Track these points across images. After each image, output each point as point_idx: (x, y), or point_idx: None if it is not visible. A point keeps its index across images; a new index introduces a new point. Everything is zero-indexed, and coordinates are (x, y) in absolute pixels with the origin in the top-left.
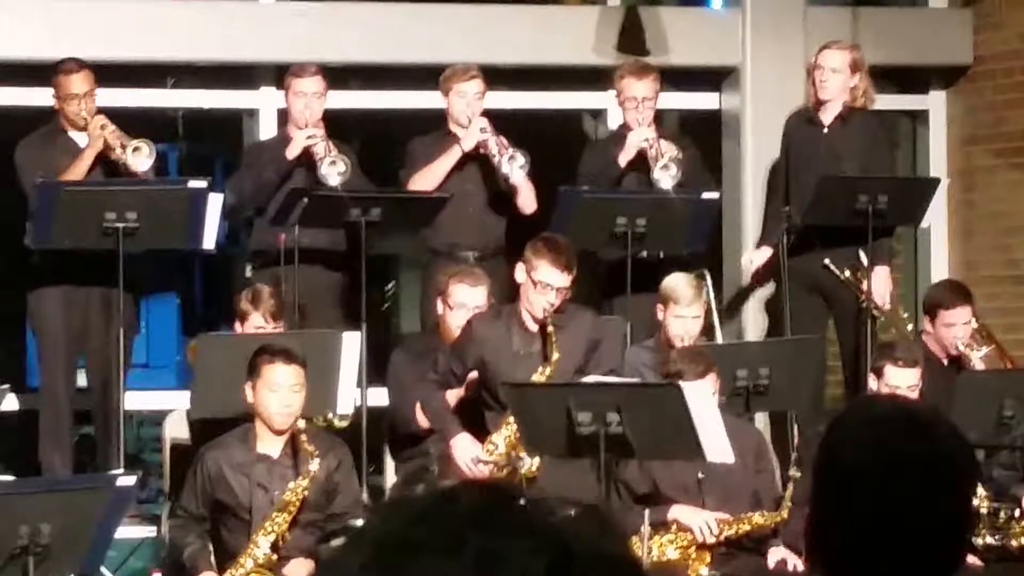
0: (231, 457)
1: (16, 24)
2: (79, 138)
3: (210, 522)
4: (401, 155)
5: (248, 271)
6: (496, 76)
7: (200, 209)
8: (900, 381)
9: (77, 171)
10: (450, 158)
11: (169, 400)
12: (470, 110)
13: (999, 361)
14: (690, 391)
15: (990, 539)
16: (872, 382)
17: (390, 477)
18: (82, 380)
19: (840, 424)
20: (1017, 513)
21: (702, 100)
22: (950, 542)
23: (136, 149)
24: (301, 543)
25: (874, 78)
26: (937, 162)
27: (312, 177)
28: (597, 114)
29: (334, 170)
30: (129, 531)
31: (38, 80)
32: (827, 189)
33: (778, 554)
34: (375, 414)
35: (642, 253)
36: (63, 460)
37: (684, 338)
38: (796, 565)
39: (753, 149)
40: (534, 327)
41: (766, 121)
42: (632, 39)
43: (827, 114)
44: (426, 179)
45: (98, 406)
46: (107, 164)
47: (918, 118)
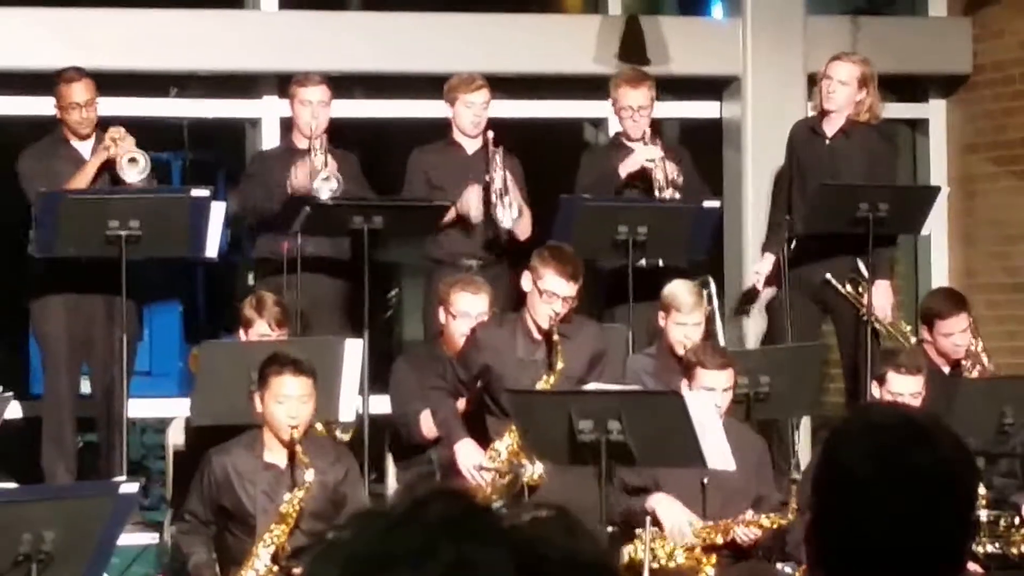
0: (238, 464)
1: (20, 33)
2: (81, 147)
3: (215, 527)
4: (403, 164)
5: (251, 279)
6: (498, 85)
7: (203, 217)
8: (903, 388)
9: (82, 179)
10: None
11: (172, 408)
12: (476, 120)
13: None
14: (691, 398)
15: (990, 547)
16: (875, 389)
17: (392, 485)
18: (86, 387)
19: (841, 431)
20: (1017, 521)
21: (703, 109)
22: (951, 550)
23: (132, 160)
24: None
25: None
26: (937, 170)
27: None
28: (598, 123)
29: (326, 186)
30: (132, 538)
31: (43, 89)
32: (827, 197)
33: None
34: (377, 422)
35: (641, 261)
36: (66, 468)
37: (685, 345)
38: None
39: (754, 157)
40: (539, 335)
41: (767, 130)
42: (633, 48)
43: (830, 125)
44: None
45: (101, 413)
46: (112, 173)
47: (918, 126)
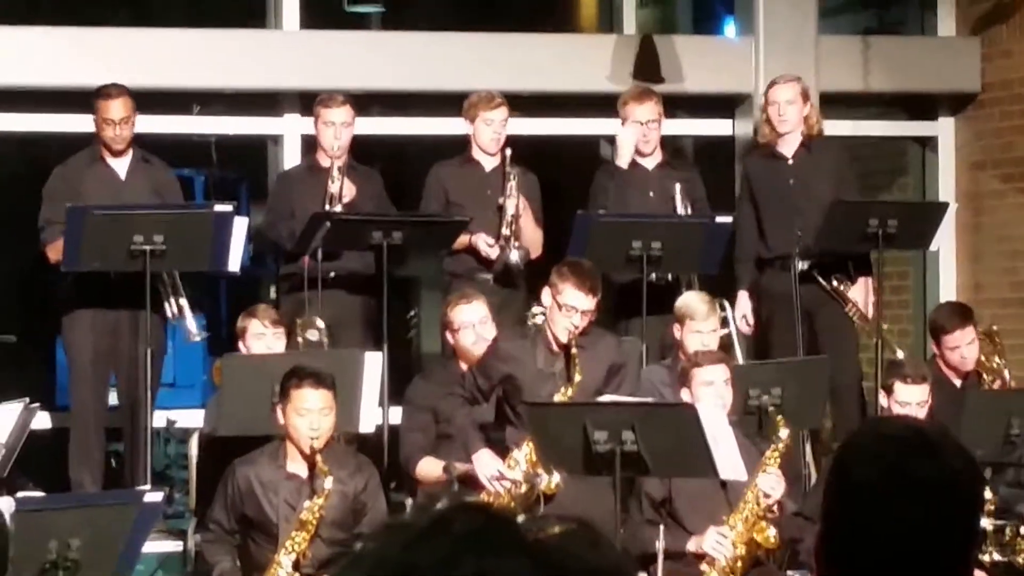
0: (261, 474)
1: (46, 52)
2: (116, 164)
3: (239, 536)
4: (422, 180)
5: (272, 292)
6: (515, 102)
7: (226, 232)
8: (909, 397)
9: None
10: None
11: (195, 418)
12: (496, 137)
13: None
14: (704, 411)
15: (996, 556)
16: (882, 399)
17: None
18: (113, 399)
19: (851, 442)
20: (1022, 530)
21: (716, 126)
22: (957, 559)
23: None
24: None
25: (884, 105)
26: (946, 186)
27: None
28: (613, 140)
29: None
30: (156, 545)
31: (68, 106)
32: (838, 213)
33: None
34: (397, 432)
35: (651, 276)
36: (93, 477)
37: None
38: None
39: None
40: (558, 347)
41: None
42: (647, 67)
43: (788, 146)
44: None
45: (126, 424)
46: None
47: (927, 143)
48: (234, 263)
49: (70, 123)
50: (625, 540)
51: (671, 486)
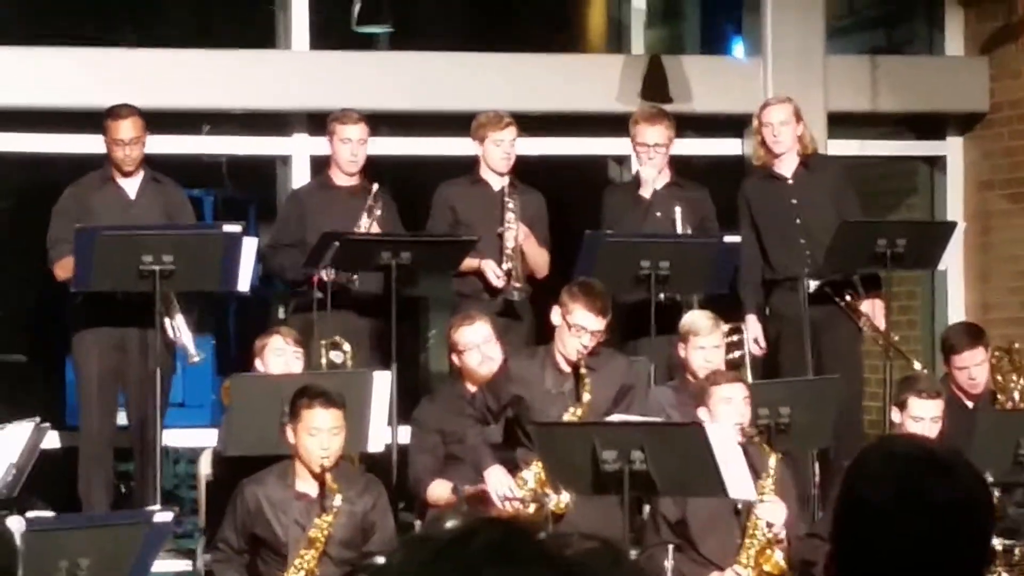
0: (271, 494)
1: (55, 72)
2: (125, 184)
3: (248, 555)
4: (429, 201)
5: (281, 312)
6: (523, 123)
7: (235, 252)
8: (923, 412)
9: None
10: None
11: (204, 438)
12: (505, 157)
13: None
14: (712, 430)
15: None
16: (895, 415)
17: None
18: (123, 419)
19: (861, 461)
20: None
21: (724, 146)
22: None
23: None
24: None
25: (893, 125)
26: (954, 206)
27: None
28: (622, 160)
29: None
30: (165, 565)
31: (79, 127)
32: (846, 234)
33: None
34: (406, 452)
35: (659, 296)
36: (102, 497)
37: (707, 370)
38: None
39: None
40: (567, 367)
41: None
42: (655, 87)
43: (786, 166)
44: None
45: (136, 443)
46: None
47: (936, 163)
48: (243, 283)
49: (80, 144)
50: (642, 562)
51: (686, 508)
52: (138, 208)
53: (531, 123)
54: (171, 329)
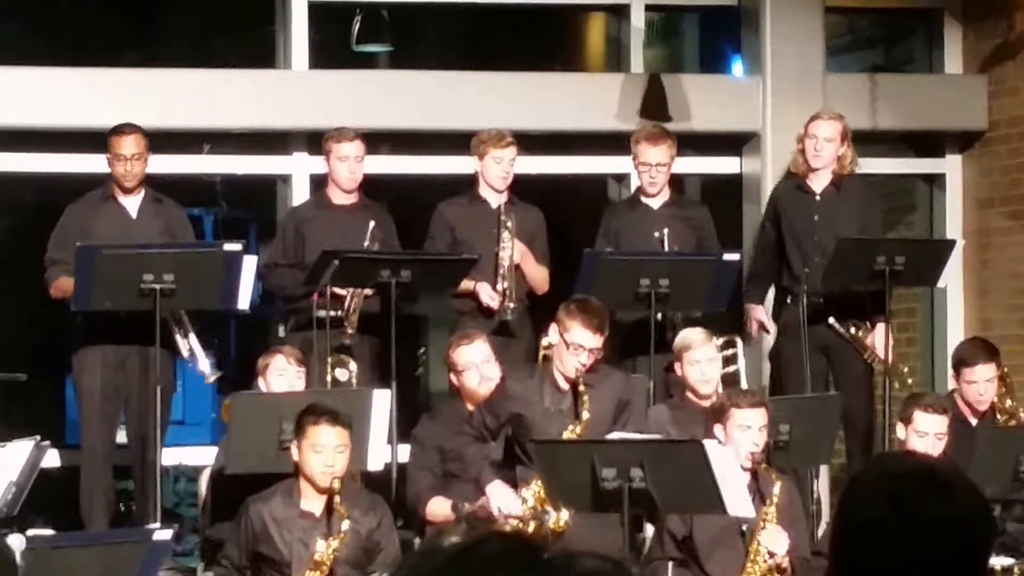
0: (275, 512)
1: (56, 93)
2: (127, 202)
3: (251, 573)
4: (427, 219)
5: (281, 331)
6: (523, 141)
7: (235, 271)
8: (929, 427)
9: None
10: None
11: (204, 456)
12: (505, 175)
13: None
14: (712, 447)
15: None
16: (900, 431)
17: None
18: (122, 437)
19: (860, 478)
20: None
21: (723, 164)
22: None
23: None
24: None
25: (892, 142)
26: (953, 224)
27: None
28: (621, 178)
29: None
30: None
31: (80, 147)
32: (845, 251)
33: None
34: (405, 470)
35: (658, 315)
36: (102, 515)
37: (705, 383)
38: None
39: None
40: (566, 385)
41: None
42: (655, 105)
43: (818, 182)
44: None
45: (136, 461)
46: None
47: (935, 181)
48: (244, 302)
49: (81, 164)
50: None
51: (693, 524)
52: (139, 227)
53: (531, 142)
54: (185, 349)
